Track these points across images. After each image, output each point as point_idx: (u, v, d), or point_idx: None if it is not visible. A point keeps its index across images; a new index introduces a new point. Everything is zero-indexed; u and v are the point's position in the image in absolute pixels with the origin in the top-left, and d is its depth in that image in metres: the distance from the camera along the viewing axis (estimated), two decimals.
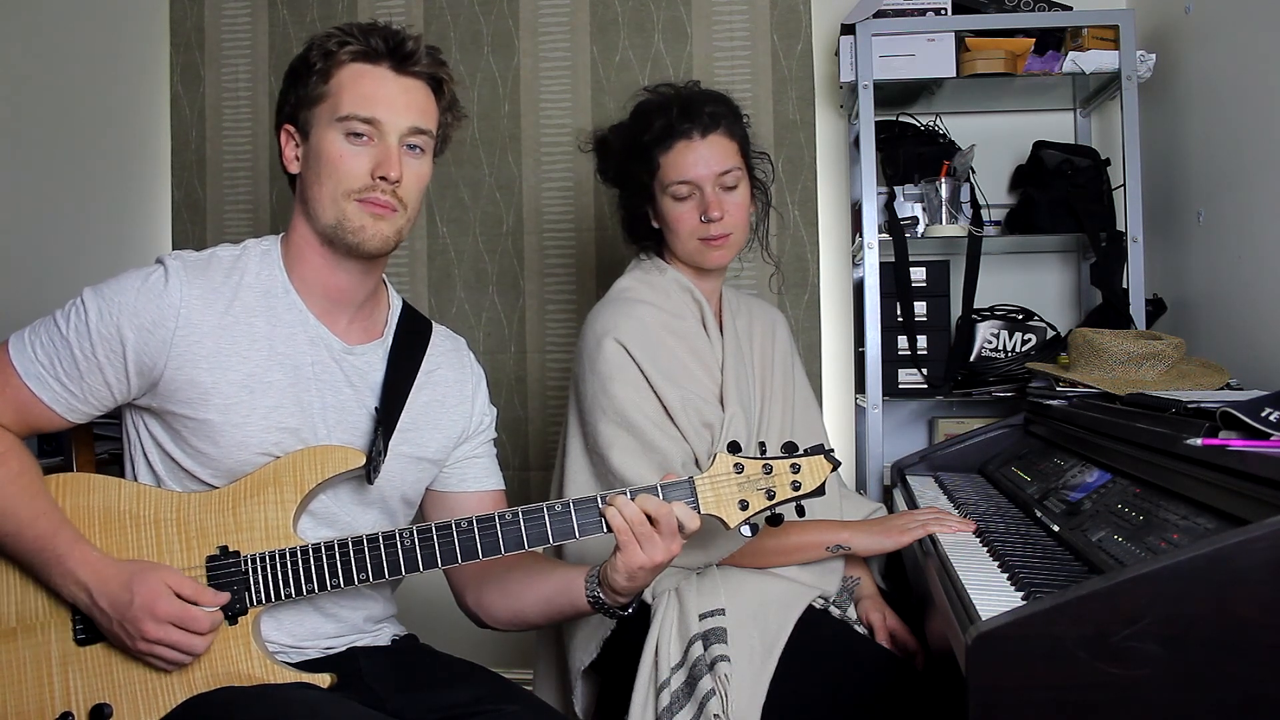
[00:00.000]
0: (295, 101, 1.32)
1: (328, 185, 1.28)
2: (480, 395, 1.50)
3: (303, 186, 1.33)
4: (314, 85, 1.29)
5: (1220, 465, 1.10)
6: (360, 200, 1.27)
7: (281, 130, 1.34)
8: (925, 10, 2.29)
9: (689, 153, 1.66)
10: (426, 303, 2.63)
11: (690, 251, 1.71)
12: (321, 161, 1.28)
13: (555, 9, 2.61)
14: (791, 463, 1.29)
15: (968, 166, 2.36)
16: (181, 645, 1.19)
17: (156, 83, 2.75)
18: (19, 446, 1.28)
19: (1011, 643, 0.93)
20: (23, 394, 1.26)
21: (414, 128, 1.30)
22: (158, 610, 1.17)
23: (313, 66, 1.30)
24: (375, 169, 1.27)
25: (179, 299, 1.25)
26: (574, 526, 1.26)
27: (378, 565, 1.24)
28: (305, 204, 1.32)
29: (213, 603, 1.21)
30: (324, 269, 1.33)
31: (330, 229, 1.29)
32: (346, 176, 1.27)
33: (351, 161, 1.27)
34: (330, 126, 1.28)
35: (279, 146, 1.35)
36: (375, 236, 1.29)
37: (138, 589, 1.18)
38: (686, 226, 1.68)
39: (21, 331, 1.29)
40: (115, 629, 1.20)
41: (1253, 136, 1.93)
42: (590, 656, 1.63)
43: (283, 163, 1.35)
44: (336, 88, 1.28)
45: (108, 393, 1.27)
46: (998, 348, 2.34)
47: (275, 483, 1.27)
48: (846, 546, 1.61)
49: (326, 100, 1.29)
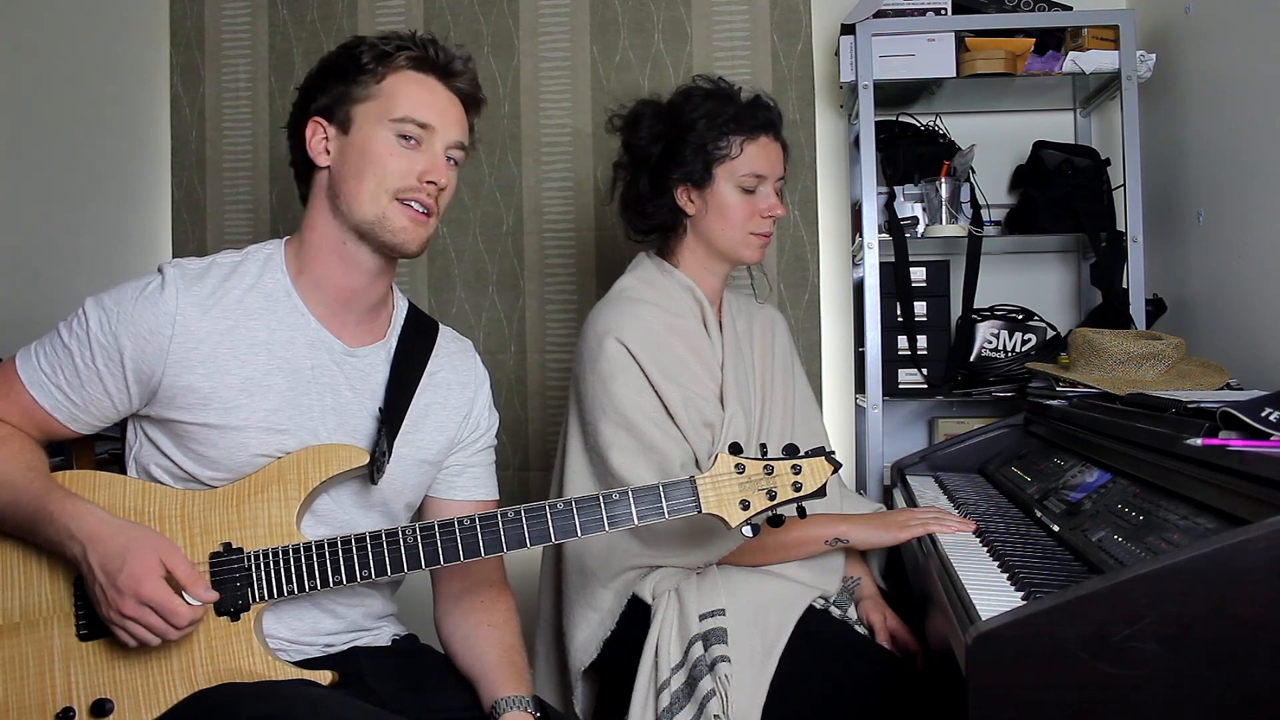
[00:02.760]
0: (337, 95, 1.32)
1: (370, 181, 1.29)
2: (481, 399, 1.49)
3: (336, 180, 1.32)
4: (364, 83, 1.31)
5: (1220, 465, 1.10)
6: (402, 200, 1.30)
7: (310, 122, 1.33)
8: (925, 10, 2.29)
9: (770, 149, 1.72)
10: (426, 303, 2.63)
11: (736, 242, 1.72)
12: (367, 158, 1.30)
13: (555, 9, 2.61)
14: (793, 464, 1.30)
15: (968, 166, 2.36)
16: (154, 629, 1.16)
17: (156, 83, 2.75)
18: (21, 434, 1.30)
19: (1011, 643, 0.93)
20: (26, 401, 1.28)
21: (458, 141, 1.35)
22: (142, 591, 1.15)
23: (363, 65, 1.31)
24: (424, 173, 1.30)
25: (174, 307, 1.25)
26: (576, 525, 1.26)
27: (380, 562, 1.25)
28: (337, 198, 1.32)
29: (201, 597, 1.18)
30: (340, 269, 1.33)
31: (368, 224, 1.30)
32: (393, 175, 1.30)
33: (400, 161, 1.30)
34: (381, 125, 1.30)
35: (301, 138, 1.34)
36: (416, 239, 1.32)
37: (130, 559, 1.15)
38: (743, 215, 1.71)
39: (29, 345, 1.31)
40: (96, 591, 1.17)
41: (1253, 136, 1.93)
42: (590, 657, 1.63)
43: (307, 154, 1.33)
44: (391, 89, 1.31)
45: (109, 402, 1.28)
46: (998, 348, 2.34)
47: (279, 480, 1.27)
48: (845, 539, 1.61)
49: (378, 100, 1.31)
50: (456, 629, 1.42)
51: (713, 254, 1.75)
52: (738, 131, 1.69)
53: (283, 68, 2.67)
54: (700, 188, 1.71)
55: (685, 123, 1.70)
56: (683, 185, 1.72)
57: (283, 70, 2.67)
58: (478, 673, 1.37)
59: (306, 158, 1.34)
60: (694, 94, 1.73)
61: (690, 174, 1.70)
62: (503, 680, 1.34)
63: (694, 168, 1.70)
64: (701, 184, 1.71)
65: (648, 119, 1.75)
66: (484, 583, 1.44)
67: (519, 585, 1.57)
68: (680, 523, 1.54)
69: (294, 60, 2.66)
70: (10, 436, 1.28)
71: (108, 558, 1.16)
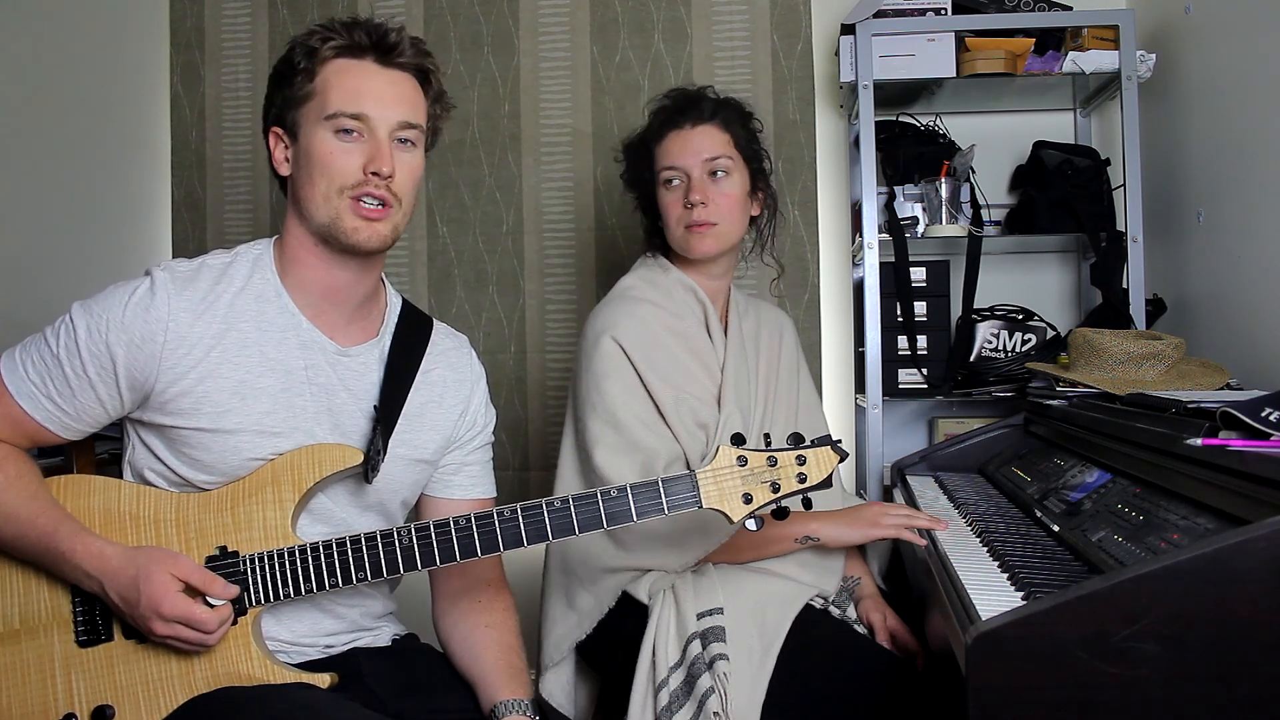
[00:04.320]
0: (282, 103, 1.30)
1: (320, 184, 1.26)
2: (478, 395, 1.48)
3: (294, 188, 1.31)
4: (299, 85, 1.28)
5: (1220, 465, 1.10)
6: (354, 198, 1.26)
7: (270, 134, 1.33)
8: (925, 10, 2.29)
9: (678, 140, 1.70)
10: (426, 303, 2.63)
11: (678, 240, 1.72)
12: (312, 161, 1.27)
13: (555, 9, 2.61)
14: (797, 454, 1.26)
15: (968, 166, 2.36)
16: (192, 640, 1.19)
17: (156, 83, 2.75)
18: (16, 452, 1.28)
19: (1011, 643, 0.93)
20: (15, 413, 1.27)
21: (403, 122, 1.28)
22: (163, 610, 1.17)
23: (297, 66, 1.28)
24: (367, 165, 1.25)
25: (166, 312, 1.24)
26: (574, 523, 1.24)
27: (376, 564, 1.24)
28: (298, 205, 1.31)
29: (222, 594, 1.20)
30: (320, 269, 1.32)
31: (324, 228, 1.28)
32: (339, 174, 1.26)
33: (343, 159, 1.26)
34: (319, 125, 1.26)
35: (268, 150, 1.34)
36: (373, 236, 1.28)
37: (144, 586, 1.17)
38: (673, 214, 1.71)
39: (13, 349, 1.28)
40: (131, 621, 1.20)
41: (1253, 136, 1.93)
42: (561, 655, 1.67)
43: (273, 166, 1.34)
44: (322, 86, 1.27)
45: (101, 410, 1.27)
46: (998, 348, 2.34)
47: (274, 482, 1.27)
48: (815, 537, 1.61)
49: (313, 99, 1.27)
50: (455, 629, 1.42)
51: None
52: (651, 139, 1.74)
53: None
54: (650, 195, 1.76)
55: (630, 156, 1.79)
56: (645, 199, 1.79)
57: None
58: (477, 675, 1.37)
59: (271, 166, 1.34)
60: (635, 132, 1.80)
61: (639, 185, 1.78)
62: (502, 683, 1.33)
63: (647, 191, 1.76)
64: (649, 193, 1.76)
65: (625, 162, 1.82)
66: (482, 582, 1.43)
67: (519, 584, 1.57)
68: (659, 524, 1.54)
69: None
70: (5, 459, 1.26)
71: (125, 590, 1.18)
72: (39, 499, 1.24)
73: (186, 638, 1.18)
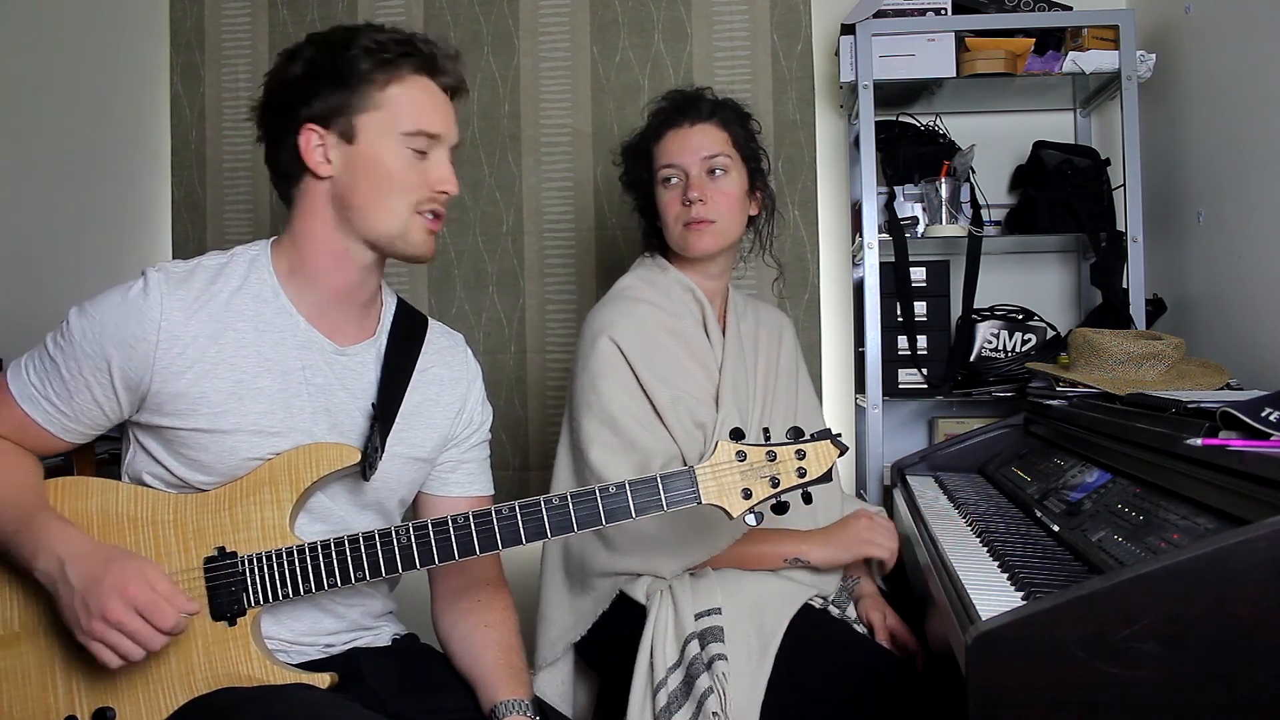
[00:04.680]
0: (337, 105, 1.27)
1: (391, 197, 1.28)
2: (474, 393, 1.48)
3: (345, 192, 1.28)
4: (364, 91, 1.26)
5: (1220, 465, 1.10)
6: (420, 212, 1.30)
7: (304, 129, 1.27)
8: (925, 10, 2.29)
9: (676, 139, 1.71)
10: (426, 303, 2.63)
11: (676, 238, 1.72)
12: (383, 173, 1.27)
13: (555, 9, 2.61)
14: (797, 449, 1.26)
15: (968, 166, 2.36)
16: (139, 635, 1.14)
17: (156, 83, 2.75)
18: (16, 449, 1.29)
19: (1011, 643, 0.93)
20: (18, 415, 1.28)
21: (457, 142, 1.34)
22: (128, 591, 1.13)
23: (364, 74, 1.26)
24: (437, 183, 1.30)
25: (159, 312, 1.24)
26: (572, 520, 1.23)
27: (375, 563, 1.24)
28: (348, 210, 1.29)
29: (183, 608, 1.16)
30: (340, 272, 1.32)
31: (388, 238, 1.30)
32: (413, 189, 1.29)
33: (414, 174, 1.29)
34: (392, 138, 1.27)
35: (294, 145, 1.28)
36: (433, 247, 1.34)
37: (114, 569, 1.15)
38: (672, 212, 1.71)
39: (19, 358, 1.30)
40: (75, 604, 1.15)
41: (1253, 136, 1.93)
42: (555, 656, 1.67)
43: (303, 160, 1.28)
44: (396, 98, 1.27)
45: (99, 411, 1.28)
46: (998, 348, 2.34)
47: (271, 482, 1.27)
48: (804, 560, 1.61)
49: (383, 110, 1.27)
50: (454, 629, 1.42)
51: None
52: (649, 140, 1.75)
53: None
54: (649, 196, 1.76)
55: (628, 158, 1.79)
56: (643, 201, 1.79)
57: None
58: (476, 675, 1.36)
59: (294, 162, 1.30)
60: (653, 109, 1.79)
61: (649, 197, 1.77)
62: (501, 683, 1.33)
63: (646, 192, 1.77)
64: (648, 194, 1.76)
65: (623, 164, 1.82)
66: (480, 581, 1.43)
67: (517, 584, 1.56)
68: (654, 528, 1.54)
69: None
70: (1, 452, 1.28)
71: (91, 568, 1.15)
72: (25, 488, 1.25)
73: (135, 629, 1.13)
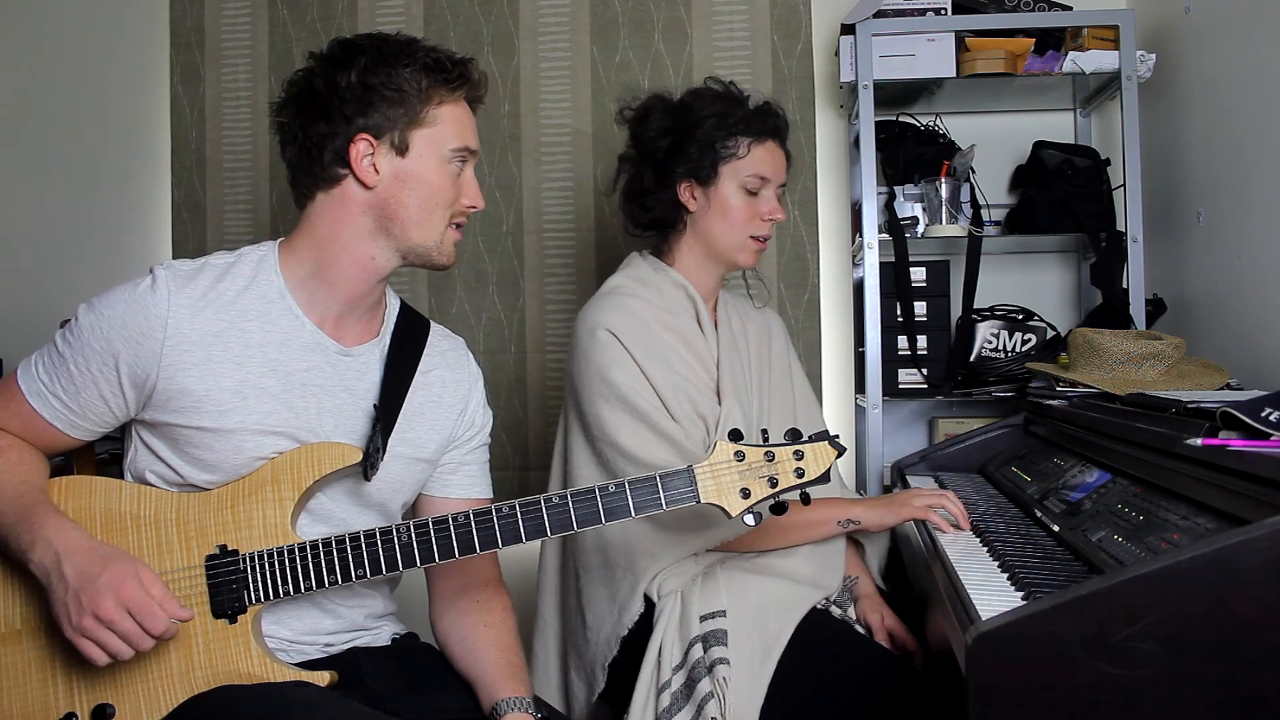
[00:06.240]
0: (393, 118, 1.29)
1: (436, 210, 1.33)
2: (476, 396, 1.49)
3: (388, 203, 1.30)
4: (416, 107, 1.31)
5: (1220, 465, 1.10)
6: (450, 225, 1.36)
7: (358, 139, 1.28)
8: (925, 10, 2.29)
9: (776, 153, 1.75)
10: (426, 303, 2.63)
11: (733, 244, 1.73)
12: (430, 187, 1.32)
13: (555, 9, 2.61)
14: (795, 449, 1.27)
15: (968, 166, 2.36)
16: (129, 636, 1.14)
17: (156, 83, 2.75)
18: (22, 445, 1.30)
19: (1011, 643, 0.93)
20: (26, 411, 1.29)
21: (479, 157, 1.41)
22: (123, 592, 1.14)
23: (421, 90, 1.30)
24: (464, 197, 1.36)
25: (166, 309, 1.25)
26: (572, 518, 1.24)
27: (375, 561, 1.24)
28: (389, 220, 1.31)
29: (175, 614, 1.17)
30: (359, 280, 1.33)
31: (425, 248, 1.34)
32: (450, 203, 1.35)
33: (454, 190, 1.35)
34: (440, 153, 1.32)
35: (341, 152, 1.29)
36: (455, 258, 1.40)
37: (110, 567, 1.15)
38: (745, 216, 1.73)
39: (29, 356, 1.31)
40: (68, 600, 1.15)
41: (1253, 136, 1.93)
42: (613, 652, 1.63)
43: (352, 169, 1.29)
44: (444, 116, 1.32)
45: (106, 408, 1.28)
46: (998, 348, 2.34)
47: (273, 481, 1.27)
48: (857, 521, 1.65)
49: (434, 126, 1.32)
50: (453, 629, 1.42)
51: (709, 254, 1.76)
52: (746, 133, 1.72)
53: (283, 68, 2.67)
54: (705, 184, 1.72)
55: (695, 119, 1.73)
56: (687, 181, 1.73)
57: (283, 70, 2.66)
58: (476, 674, 1.37)
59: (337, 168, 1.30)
60: (705, 94, 1.76)
61: (696, 170, 1.72)
62: (502, 681, 1.34)
63: (700, 164, 1.72)
64: (706, 181, 1.72)
65: (658, 113, 1.77)
66: (479, 582, 1.44)
67: (515, 584, 1.57)
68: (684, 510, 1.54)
69: (294, 60, 2.65)
70: (8, 447, 1.28)
71: (87, 564, 1.16)
72: (27, 483, 1.25)
73: (126, 630, 1.14)
